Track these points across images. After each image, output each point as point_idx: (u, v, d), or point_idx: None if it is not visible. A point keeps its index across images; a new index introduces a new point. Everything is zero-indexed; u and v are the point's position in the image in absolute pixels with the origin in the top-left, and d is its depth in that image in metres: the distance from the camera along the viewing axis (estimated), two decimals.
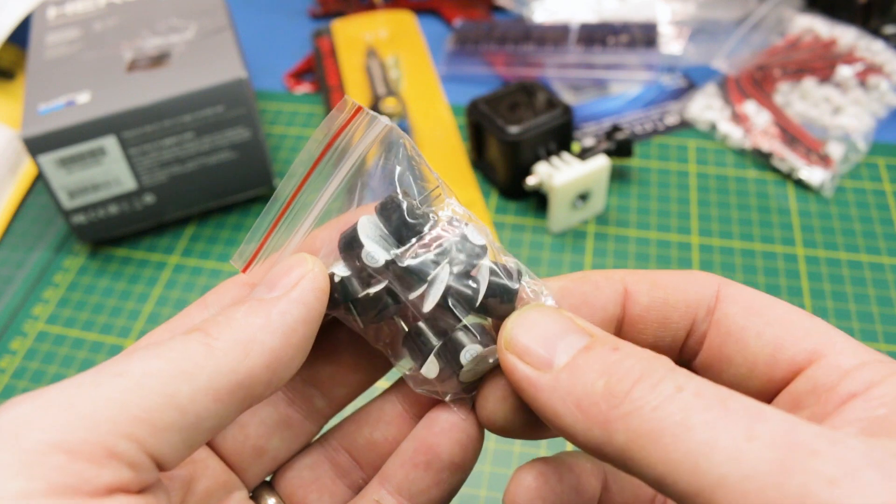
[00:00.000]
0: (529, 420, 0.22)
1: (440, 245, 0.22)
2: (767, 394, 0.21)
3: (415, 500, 0.23)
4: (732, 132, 0.57)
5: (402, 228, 0.22)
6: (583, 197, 0.51)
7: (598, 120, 0.60)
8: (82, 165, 0.49)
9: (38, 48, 0.55)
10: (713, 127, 0.58)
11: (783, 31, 0.64)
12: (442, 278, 0.22)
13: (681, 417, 0.16)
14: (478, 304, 0.22)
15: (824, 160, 0.54)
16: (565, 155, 0.51)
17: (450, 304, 0.22)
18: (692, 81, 0.62)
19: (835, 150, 0.54)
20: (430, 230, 0.22)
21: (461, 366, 0.22)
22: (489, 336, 0.22)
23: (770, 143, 0.55)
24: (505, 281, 0.22)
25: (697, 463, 0.16)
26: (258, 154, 0.53)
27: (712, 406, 0.16)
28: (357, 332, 0.23)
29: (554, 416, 0.19)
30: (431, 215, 0.23)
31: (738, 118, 0.57)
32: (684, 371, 0.18)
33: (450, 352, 0.22)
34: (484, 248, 0.22)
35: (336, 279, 0.22)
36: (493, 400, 0.22)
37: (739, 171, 0.56)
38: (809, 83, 0.58)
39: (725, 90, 0.60)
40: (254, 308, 0.20)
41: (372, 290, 0.22)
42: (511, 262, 0.23)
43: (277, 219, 0.23)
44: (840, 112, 0.56)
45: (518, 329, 0.20)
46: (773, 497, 0.15)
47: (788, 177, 0.55)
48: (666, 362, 0.18)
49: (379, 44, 0.67)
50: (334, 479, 0.25)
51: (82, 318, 0.50)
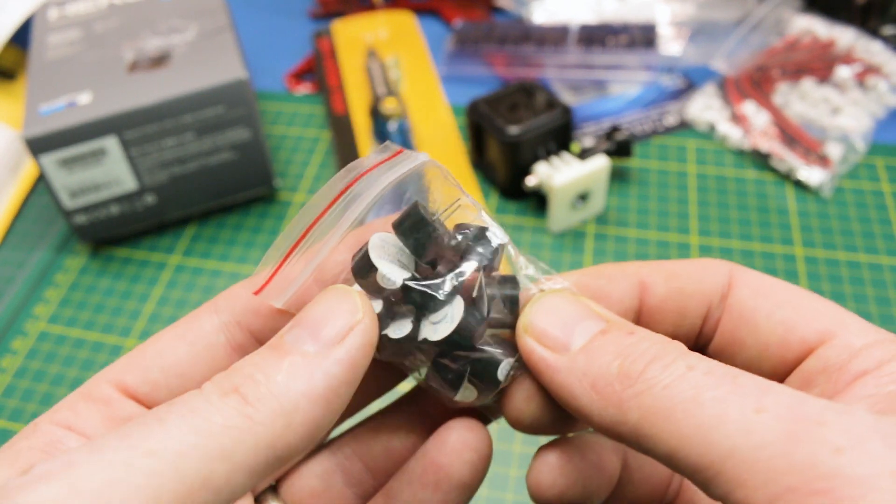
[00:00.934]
0: (555, 417, 0.22)
1: (456, 261, 0.21)
2: (779, 374, 0.21)
3: None
4: (731, 133, 0.57)
5: (423, 236, 0.21)
6: (582, 197, 0.51)
7: (598, 120, 0.60)
8: (83, 166, 0.49)
9: (40, 49, 0.55)
10: (712, 127, 0.58)
11: (782, 32, 0.64)
12: (459, 304, 0.21)
13: (692, 394, 0.17)
14: (485, 323, 0.21)
15: (823, 160, 0.54)
16: (565, 155, 0.52)
17: (467, 328, 0.21)
18: (691, 82, 0.63)
19: (833, 151, 0.54)
20: (448, 242, 0.21)
21: (500, 382, 0.21)
22: (511, 345, 0.22)
23: (769, 144, 0.55)
24: (507, 291, 0.22)
25: (707, 436, 0.16)
26: (258, 154, 0.53)
27: (722, 383, 0.17)
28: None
29: (570, 397, 0.19)
30: (446, 228, 0.22)
31: (738, 119, 0.58)
32: (696, 353, 0.18)
33: (484, 372, 0.21)
34: (498, 256, 0.22)
35: None
36: (519, 399, 0.22)
37: (738, 172, 0.56)
38: (808, 84, 0.58)
39: (724, 91, 0.60)
40: (296, 368, 0.18)
41: (401, 334, 0.21)
42: (522, 261, 0.23)
43: (299, 239, 0.21)
44: (839, 112, 0.57)
45: (536, 314, 0.21)
46: (782, 465, 0.15)
47: (787, 177, 0.55)
48: (679, 346, 0.18)
49: (379, 44, 0.67)
50: (344, 490, 0.25)
51: (83, 318, 0.50)
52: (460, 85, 0.64)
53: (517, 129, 0.51)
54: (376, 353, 0.22)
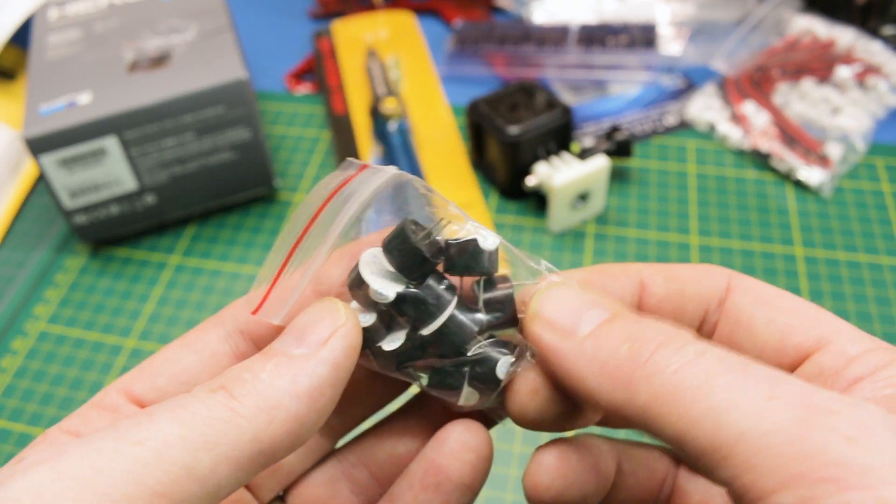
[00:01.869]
0: (558, 411, 0.22)
1: (445, 268, 0.22)
2: None
3: None
4: (731, 133, 0.57)
5: (410, 261, 0.21)
6: (582, 197, 0.51)
7: (598, 120, 0.60)
8: (83, 166, 0.49)
9: (40, 49, 0.55)
10: (712, 127, 0.58)
11: (782, 32, 0.64)
12: (450, 308, 0.21)
13: (702, 378, 0.17)
14: (484, 322, 0.22)
15: (823, 160, 0.54)
16: (565, 155, 0.52)
17: (461, 333, 0.21)
18: (691, 82, 0.63)
19: (833, 151, 0.54)
20: (439, 255, 0.22)
21: (500, 380, 0.22)
22: (510, 345, 0.22)
23: (769, 144, 0.55)
24: (501, 291, 0.22)
25: (718, 419, 0.16)
26: (259, 154, 0.53)
27: (733, 369, 0.17)
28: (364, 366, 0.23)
29: (578, 381, 0.19)
30: (440, 239, 0.22)
31: (737, 119, 0.58)
32: (705, 341, 0.18)
33: (484, 373, 0.22)
34: (493, 262, 0.22)
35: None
36: (523, 393, 0.22)
37: (738, 172, 0.56)
38: (808, 84, 0.58)
39: (724, 91, 0.60)
40: (280, 367, 0.19)
41: (394, 346, 0.21)
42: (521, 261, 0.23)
43: (285, 260, 0.22)
44: (839, 112, 0.57)
45: (544, 303, 0.21)
46: (792, 452, 0.15)
47: (787, 177, 0.55)
48: (687, 333, 0.19)
49: (379, 44, 0.67)
50: (349, 497, 0.25)
51: (83, 318, 0.50)
52: (460, 85, 0.64)
53: (517, 129, 0.51)
54: (374, 366, 0.22)
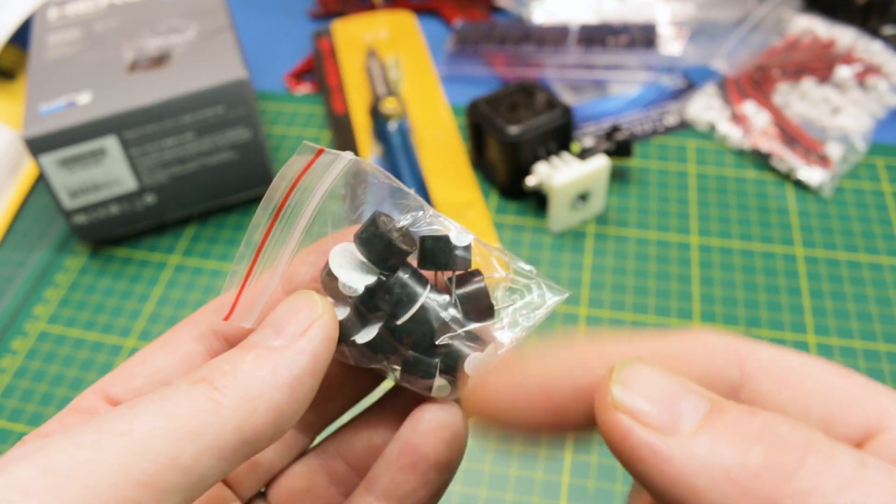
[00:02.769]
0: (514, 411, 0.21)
1: (419, 263, 0.22)
2: None
3: (402, 503, 0.23)
4: (732, 132, 0.57)
5: (382, 251, 0.22)
6: (582, 197, 0.51)
7: (598, 120, 0.60)
8: (83, 166, 0.49)
9: (40, 49, 0.55)
10: (712, 127, 0.58)
11: (782, 32, 0.64)
12: (422, 298, 0.21)
13: (880, 502, 0.14)
14: (457, 317, 0.22)
15: (823, 160, 0.54)
16: (565, 155, 0.52)
17: (432, 323, 0.22)
18: (691, 82, 0.63)
19: (834, 151, 0.54)
20: (412, 246, 0.22)
21: (467, 376, 0.22)
22: (481, 340, 0.22)
23: (769, 144, 0.55)
24: (471, 287, 0.22)
25: None
26: (259, 154, 0.53)
27: None
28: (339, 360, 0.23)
29: (690, 493, 0.15)
30: (414, 232, 0.22)
31: (738, 118, 0.58)
32: (845, 443, 0.15)
33: (453, 365, 0.22)
34: (466, 258, 0.22)
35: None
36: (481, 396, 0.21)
37: (738, 172, 0.56)
38: (808, 84, 0.58)
39: (725, 91, 0.60)
40: (261, 359, 0.19)
41: (367, 338, 0.22)
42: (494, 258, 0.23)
43: (252, 264, 0.22)
44: (839, 112, 0.57)
45: (626, 386, 0.17)
46: None
47: (787, 177, 0.55)
48: (820, 432, 0.15)
49: (379, 44, 0.67)
50: (328, 487, 0.25)
51: (83, 318, 0.50)
52: (460, 85, 0.64)
53: (517, 129, 0.51)
54: (349, 360, 0.23)
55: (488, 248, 0.23)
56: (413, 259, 0.22)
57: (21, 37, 0.62)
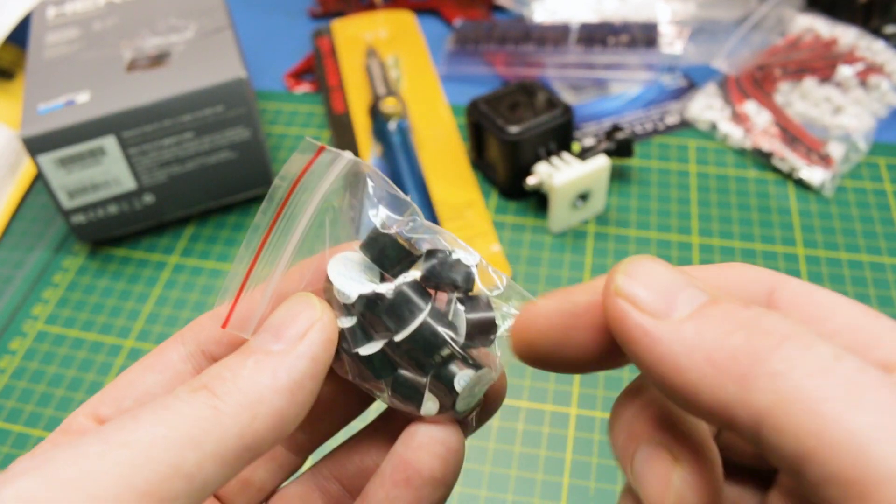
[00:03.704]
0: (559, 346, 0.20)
1: (423, 278, 0.22)
2: None
3: None
4: (733, 132, 0.57)
5: (388, 252, 0.21)
6: (583, 197, 0.51)
7: (598, 120, 0.60)
8: (82, 165, 0.49)
9: (38, 48, 0.55)
10: (713, 127, 0.58)
11: (783, 31, 0.64)
12: (423, 314, 0.21)
13: (844, 392, 0.14)
14: (461, 342, 0.22)
15: (825, 160, 0.54)
16: (565, 155, 0.51)
17: (433, 340, 0.21)
18: (692, 81, 0.62)
19: (835, 150, 0.54)
20: (414, 262, 0.22)
21: (457, 394, 0.22)
22: (476, 360, 0.22)
23: (770, 143, 0.55)
24: (481, 314, 0.22)
25: (862, 448, 0.14)
26: (258, 154, 0.53)
27: (879, 387, 0.14)
28: (337, 373, 0.23)
29: (674, 372, 0.16)
30: (419, 245, 0.22)
31: (739, 118, 0.57)
32: (830, 341, 0.16)
33: (443, 383, 0.22)
34: (472, 278, 0.22)
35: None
36: (521, 323, 0.20)
37: (740, 171, 0.55)
38: (810, 83, 0.58)
39: (726, 90, 0.60)
40: (260, 364, 0.19)
41: (371, 351, 0.21)
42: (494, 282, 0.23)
43: (249, 269, 0.22)
44: (840, 112, 0.56)
45: (629, 276, 0.18)
46: None
47: (789, 177, 0.55)
48: (808, 327, 0.16)
49: (379, 44, 0.67)
50: None
51: (82, 318, 0.50)
52: (460, 84, 0.64)
53: (517, 129, 0.50)
54: (347, 375, 0.22)
55: (489, 271, 0.23)
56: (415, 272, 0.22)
57: (19, 36, 0.62)
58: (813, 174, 0.53)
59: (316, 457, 0.26)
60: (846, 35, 0.61)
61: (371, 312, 0.21)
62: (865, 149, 0.55)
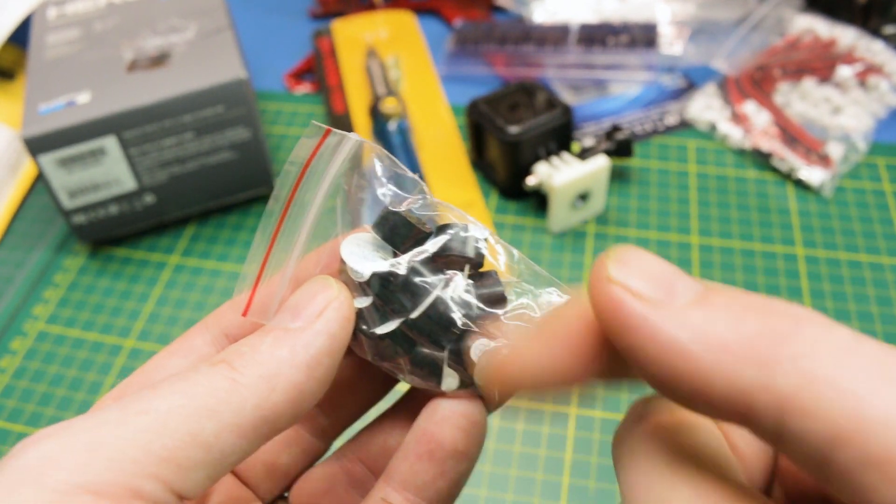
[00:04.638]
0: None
1: (435, 254, 0.22)
2: None
3: (421, 494, 0.23)
4: (732, 132, 0.57)
5: (399, 229, 0.22)
6: (583, 197, 0.51)
7: (598, 120, 0.60)
8: (82, 165, 0.49)
9: (39, 48, 0.55)
10: (713, 127, 0.58)
11: (783, 32, 0.64)
12: (433, 293, 0.21)
13: (876, 370, 0.13)
14: (469, 313, 0.22)
15: (824, 160, 0.54)
16: (565, 155, 0.51)
17: (447, 315, 0.21)
18: (692, 82, 0.63)
19: (834, 151, 0.54)
20: (425, 238, 0.22)
21: (473, 364, 0.22)
22: (492, 333, 0.22)
23: (770, 144, 0.55)
24: (491, 288, 0.22)
25: None
26: (258, 154, 0.53)
27: None
28: (357, 354, 0.23)
29: (682, 360, 0.15)
30: (429, 223, 0.22)
31: (738, 118, 0.58)
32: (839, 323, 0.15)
33: (461, 358, 0.22)
34: (482, 252, 0.22)
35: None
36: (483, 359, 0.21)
37: (739, 171, 0.56)
38: (809, 83, 0.58)
39: (725, 90, 0.60)
40: (279, 340, 0.20)
41: (387, 330, 0.22)
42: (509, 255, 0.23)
43: (266, 256, 0.22)
44: (840, 112, 0.56)
45: (623, 265, 0.16)
46: None
47: (788, 177, 0.55)
48: (817, 311, 0.15)
49: (379, 44, 0.67)
50: (348, 489, 0.25)
51: (82, 318, 0.50)
52: (460, 85, 0.64)
53: (517, 129, 0.51)
54: (366, 355, 0.23)
55: (499, 245, 0.23)
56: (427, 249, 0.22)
57: (20, 36, 0.62)
58: (812, 174, 0.53)
59: (339, 443, 0.26)
60: (845, 35, 0.61)
61: (385, 291, 0.22)
62: (864, 149, 0.55)
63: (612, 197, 0.54)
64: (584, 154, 0.51)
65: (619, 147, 0.53)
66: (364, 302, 0.22)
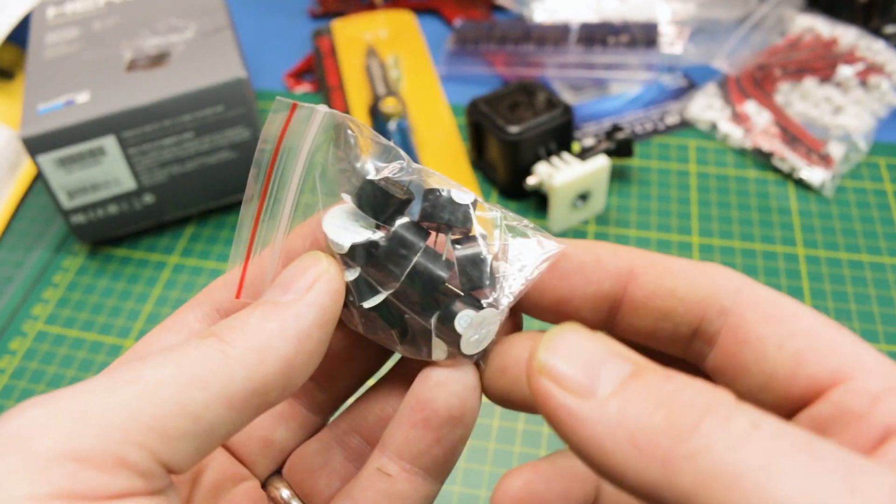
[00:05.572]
0: (528, 394, 0.21)
1: (419, 217, 0.22)
2: (784, 410, 0.19)
3: (417, 462, 0.22)
4: (733, 132, 0.57)
5: (378, 211, 0.22)
6: (583, 197, 0.51)
7: (599, 120, 0.60)
8: (82, 165, 0.49)
9: (38, 48, 0.55)
10: (714, 127, 0.58)
11: (784, 31, 0.64)
12: (413, 258, 0.21)
13: (763, 461, 0.14)
14: (451, 278, 0.22)
15: (825, 160, 0.54)
16: (565, 155, 0.51)
17: (431, 277, 0.21)
18: (692, 81, 0.62)
19: (835, 150, 0.54)
20: (408, 205, 0.22)
21: (459, 335, 0.22)
22: (477, 301, 0.22)
23: (770, 143, 0.55)
24: (469, 250, 0.22)
25: None
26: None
27: (799, 451, 0.14)
28: (349, 327, 0.23)
29: (599, 453, 0.16)
30: (414, 189, 0.22)
31: (739, 118, 0.57)
32: (750, 406, 0.16)
33: (447, 327, 0.22)
34: (469, 216, 0.22)
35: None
36: (492, 370, 0.22)
37: (740, 171, 0.55)
38: (810, 83, 0.58)
39: (726, 90, 0.60)
40: (268, 313, 0.20)
41: (374, 303, 0.22)
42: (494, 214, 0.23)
43: (251, 239, 0.22)
44: (841, 112, 0.56)
45: (552, 351, 0.17)
46: None
47: (789, 176, 0.55)
48: (729, 395, 0.16)
49: (379, 44, 0.67)
50: (344, 463, 0.25)
51: (82, 318, 0.50)
52: (460, 84, 0.64)
53: (517, 129, 0.50)
54: (358, 327, 0.23)
55: (486, 207, 0.23)
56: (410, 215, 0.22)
57: (19, 36, 0.62)
58: (813, 174, 0.53)
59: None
60: (846, 35, 0.61)
61: (370, 262, 0.22)
62: (865, 149, 0.55)
63: (613, 197, 0.54)
64: (585, 154, 0.51)
65: (620, 147, 0.53)
66: (353, 275, 0.22)
